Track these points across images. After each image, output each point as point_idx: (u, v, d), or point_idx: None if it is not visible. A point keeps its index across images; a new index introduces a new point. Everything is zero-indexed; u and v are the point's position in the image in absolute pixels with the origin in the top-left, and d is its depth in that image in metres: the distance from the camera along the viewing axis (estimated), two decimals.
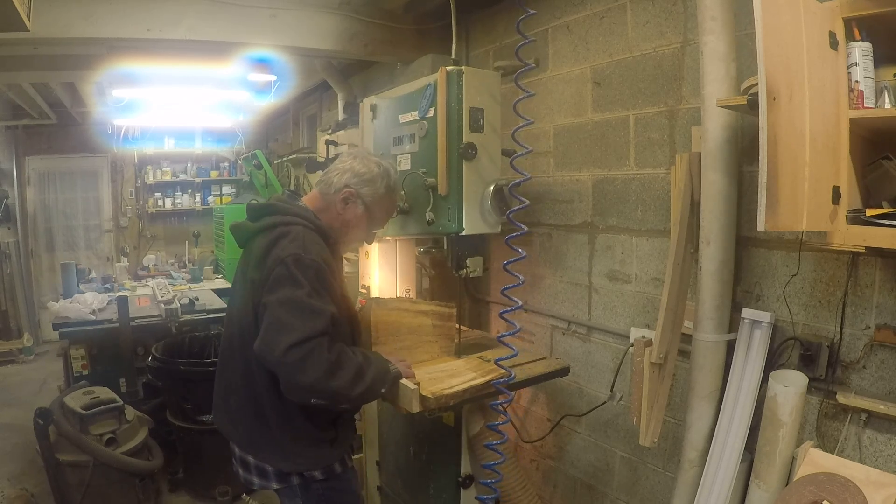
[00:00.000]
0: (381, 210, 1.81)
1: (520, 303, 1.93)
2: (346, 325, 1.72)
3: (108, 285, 4.71)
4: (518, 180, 1.92)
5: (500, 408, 1.99)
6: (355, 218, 1.75)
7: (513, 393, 1.97)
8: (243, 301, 1.65)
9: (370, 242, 2.10)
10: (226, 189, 7.51)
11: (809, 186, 1.31)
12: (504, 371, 1.91)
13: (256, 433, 1.68)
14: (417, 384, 1.72)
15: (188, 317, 3.75)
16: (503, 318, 1.95)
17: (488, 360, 2.06)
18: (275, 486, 1.72)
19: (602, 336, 2.47)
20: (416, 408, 1.71)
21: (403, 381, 1.76)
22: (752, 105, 1.36)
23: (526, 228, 1.89)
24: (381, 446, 2.59)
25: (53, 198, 6.90)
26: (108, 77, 3.84)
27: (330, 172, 1.76)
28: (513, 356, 1.96)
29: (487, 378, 1.89)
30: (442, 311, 2.17)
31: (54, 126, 6.47)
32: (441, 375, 1.92)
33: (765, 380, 1.73)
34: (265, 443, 1.67)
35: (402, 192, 2.11)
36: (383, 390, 1.68)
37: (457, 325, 2.19)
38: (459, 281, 2.26)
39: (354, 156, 1.79)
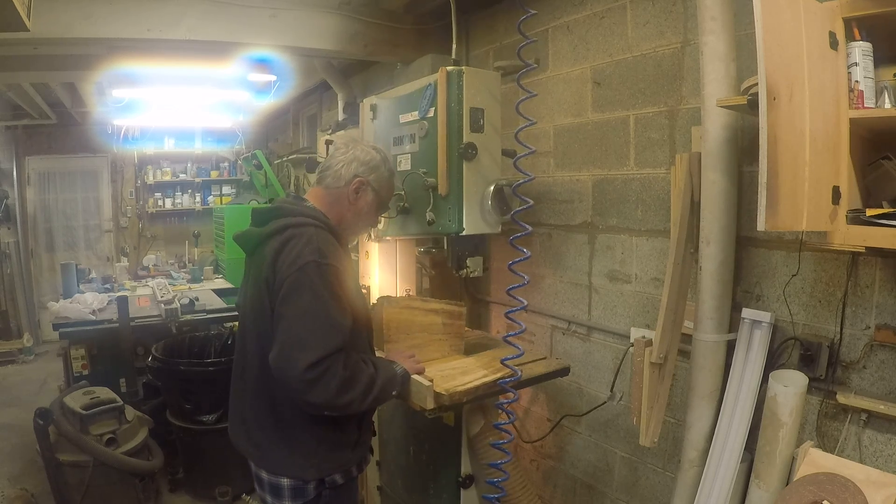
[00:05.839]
0: (387, 193, 1.83)
1: (525, 302, 1.93)
2: (362, 323, 1.71)
3: (108, 285, 4.70)
4: (521, 181, 1.91)
5: (505, 407, 2.00)
6: (367, 205, 1.76)
7: (517, 392, 1.97)
8: (260, 305, 1.59)
9: (376, 227, 2.10)
10: (226, 189, 7.51)
11: (809, 186, 1.31)
12: (510, 370, 1.91)
13: (274, 442, 1.62)
14: (431, 381, 1.74)
15: (188, 317, 3.74)
16: (508, 318, 1.95)
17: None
18: None
19: (602, 336, 2.47)
20: (430, 404, 1.73)
21: (416, 377, 1.77)
22: (752, 105, 1.36)
23: (530, 228, 1.89)
24: (381, 446, 2.59)
25: (53, 198, 6.90)
26: (108, 77, 3.83)
27: (333, 166, 1.74)
28: (518, 356, 1.96)
29: (498, 375, 1.90)
30: (452, 309, 2.18)
31: (54, 126, 6.47)
32: (453, 373, 1.94)
33: (765, 380, 1.73)
34: (284, 452, 1.61)
35: (403, 192, 2.13)
36: (394, 393, 1.71)
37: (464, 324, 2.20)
38: (459, 281, 2.26)
39: (352, 145, 1.78)
